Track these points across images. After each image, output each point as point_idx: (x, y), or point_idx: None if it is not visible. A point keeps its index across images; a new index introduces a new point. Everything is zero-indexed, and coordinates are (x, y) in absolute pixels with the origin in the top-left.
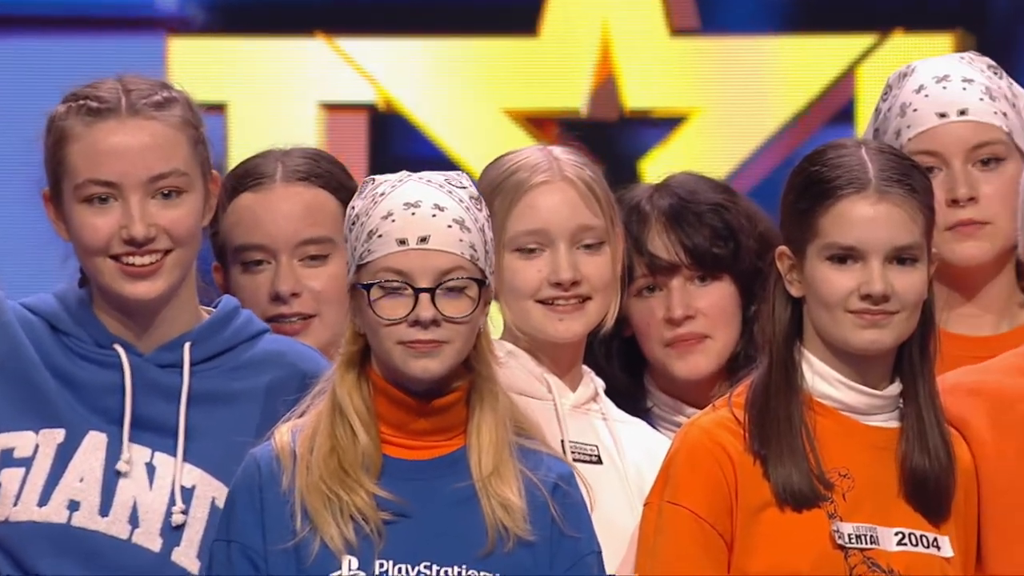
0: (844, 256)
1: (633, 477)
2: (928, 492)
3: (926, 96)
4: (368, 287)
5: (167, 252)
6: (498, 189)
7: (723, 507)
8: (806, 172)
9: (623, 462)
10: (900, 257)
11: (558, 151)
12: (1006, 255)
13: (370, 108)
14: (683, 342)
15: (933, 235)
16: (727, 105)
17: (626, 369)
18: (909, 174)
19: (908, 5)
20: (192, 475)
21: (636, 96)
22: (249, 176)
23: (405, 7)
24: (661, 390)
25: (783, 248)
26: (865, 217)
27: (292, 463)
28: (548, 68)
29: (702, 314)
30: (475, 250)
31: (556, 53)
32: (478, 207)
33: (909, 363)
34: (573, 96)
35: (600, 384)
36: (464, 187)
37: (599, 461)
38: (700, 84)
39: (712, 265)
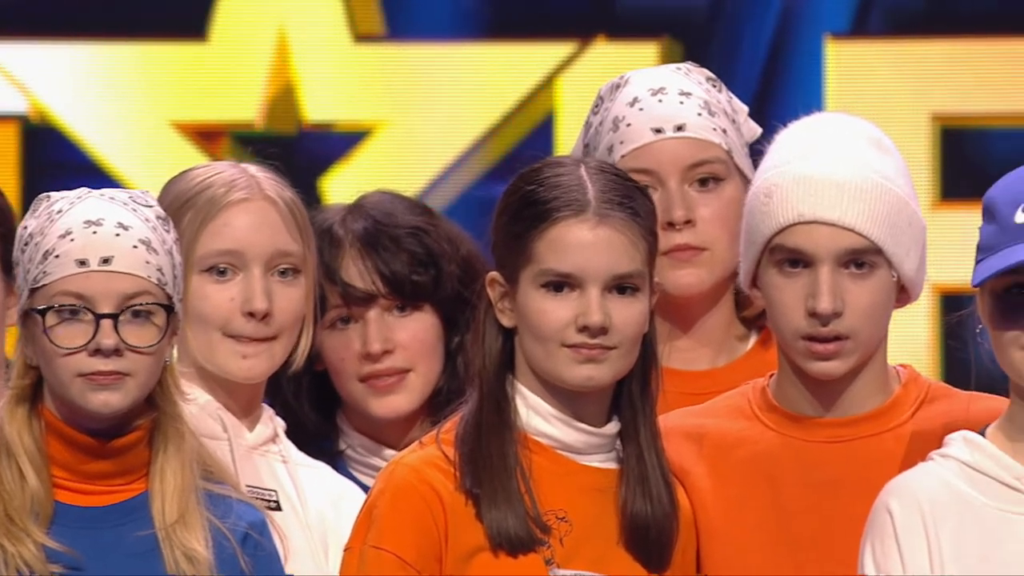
0: (560, 284)
1: (315, 525)
2: (649, 539)
3: (640, 110)
4: (43, 312)
5: None
6: (188, 205)
7: (432, 552)
8: (520, 192)
9: (304, 509)
10: (620, 286)
11: (253, 168)
12: (724, 284)
13: (21, 119)
14: (382, 379)
15: (655, 263)
16: (416, 118)
17: (317, 407)
18: (632, 197)
19: (610, 11)
20: None
21: (316, 108)
22: None
23: (59, 9)
24: (356, 430)
25: (494, 274)
26: (583, 242)
27: None
28: (219, 77)
29: (402, 347)
30: (162, 274)
31: (228, 60)
32: (165, 228)
33: (629, 401)
34: (247, 107)
35: (281, 424)
36: (150, 206)
37: (278, 507)
38: (386, 95)
39: (412, 294)
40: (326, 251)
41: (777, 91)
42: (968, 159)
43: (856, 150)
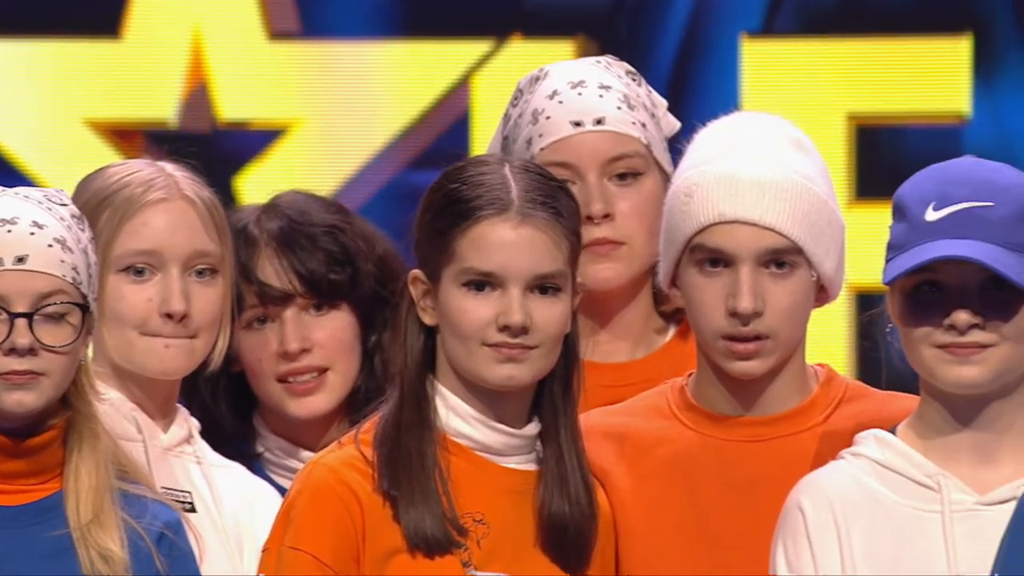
0: (482, 282)
1: (230, 526)
2: (568, 541)
3: (560, 103)
4: None
5: None
6: (106, 203)
7: (349, 553)
8: (444, 190)
9: (219, 509)
10: (542, 286)
11: (170, 167)
12: (643, 278)
13: None
14: (301, 381)
15: (577, 263)
16: (332, 116)
17: (234, 409)
18: (555, 196)
19: (526, 10)
20: None
21: (231, 106)
22: None
23: None
24: (273, 432)
25: (416, 272)
26: (506, 241)
27: None
28: (133, 75)
29: (320, 346)
30: (78, 273)
31: (142, 58)
32: (80, 227)
33: (550, 402)
34: (161, 105)
35: (195, 425)
36: (65, 204)
37: (192, 508)
38: (301, 93)
39: (329, 292)
40: (242, 251)
41: (693, 90)
42: (883, 158)
43: (777, 150)
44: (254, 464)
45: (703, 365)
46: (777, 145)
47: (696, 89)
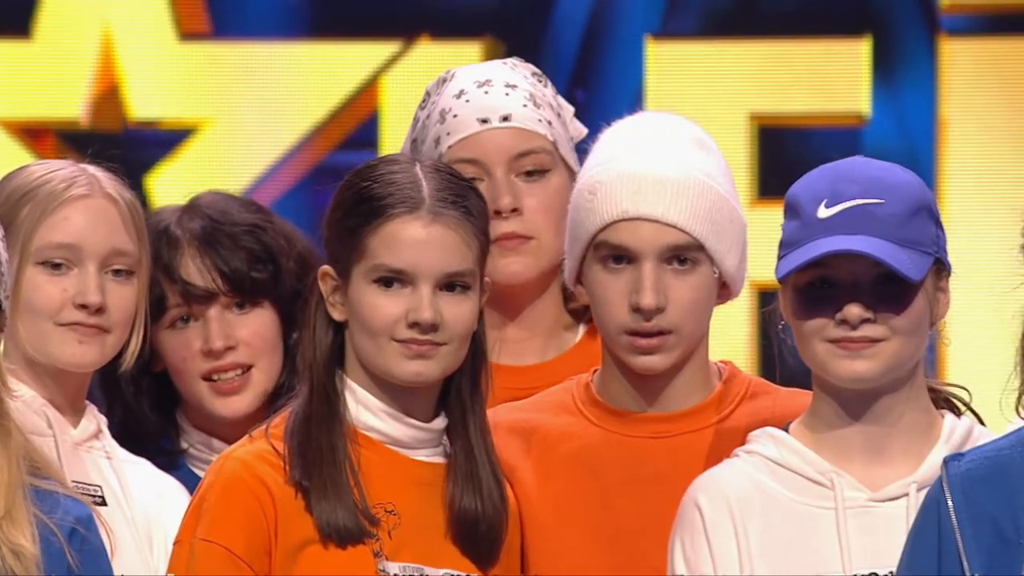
0: (392, 279)
1: (140, 521)
2: (478, 535)
3: (467, 101)
4: None
5: None
6: (27, 198)
7: (261, 545)
8: (355, 188)
9: (129, 504)
10: (451, 284)
11: (92, 168)
12: (551, 273)
13: None
14: (226, 380)
15: (486, 263)
16: (242, 116)
17: (157, 408)
18: (465, 196)
19: (434, 11)
20: None
21: (141, 105)
22: None
23: None
24: (196, 428)
25: (326, 268)
26: (416, 239)
27: None
28: (43, 74)
29: (244, 344)
30: None
31: (52, 58)
32: None
33: (458, 397)
34: (71, 105)
35: (103, 420)
36: None
37: (103, 503)
38: (212, 93)
39: (251, 290)
40: (164, 251)
41: (598, 91)
42: (785, 158)
43: (679, 149)
44: (178, 460)
45: (607, 361)
46: (679, 144)
47: (600, 89)
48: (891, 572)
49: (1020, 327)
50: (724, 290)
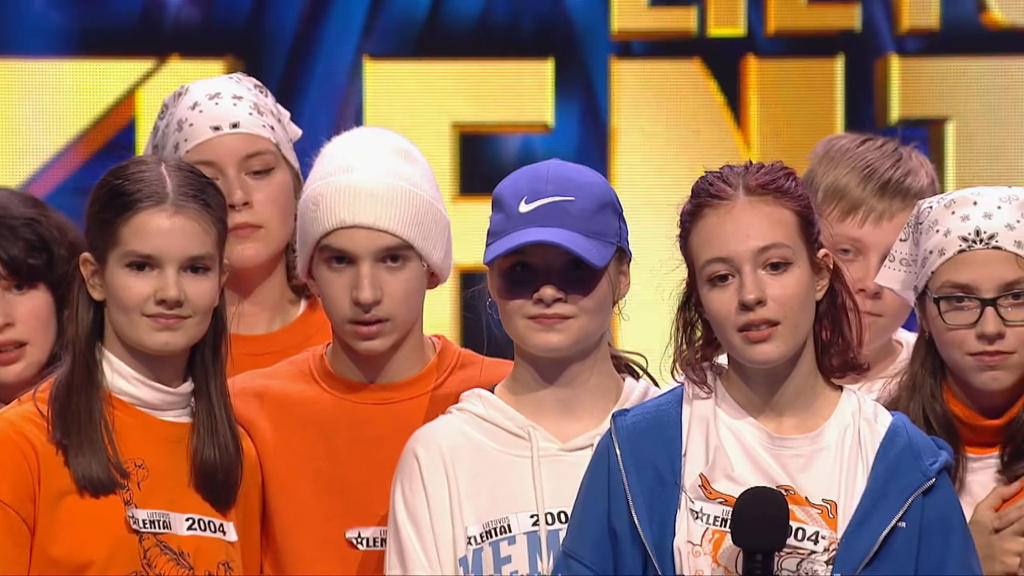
0: (141, 263)
1: None
2: (216, 482)
3: (200, 112)
4: None
5: None
6: None
7: (26, 494)
8: (109, 185)
9: None
10: (194, 266)
11: None
12: (278, 256)
13: None
14: (2, 353)
15: (224, 247)
16: (14, 126)
17: None
18: (204, 191)
19: (183, 34)
20: None
21: None
22: None
23: None
24: None
25: (87, 255)
26: (162, 228)
27: None
28: None
29: (21, 321)
30: None
31: None
32: None
33: (202, 363)
34: None
35: None
36: None
37: None
38: None
39: (28, 275)
40: None
41: (318, 105)
42: (482, 161)
43: (387, 162)
44: None
45: (337, 342)
46: (388, 158)
47: (320, 104)
48: None
49: (674, 305)
50: (433, 278)
